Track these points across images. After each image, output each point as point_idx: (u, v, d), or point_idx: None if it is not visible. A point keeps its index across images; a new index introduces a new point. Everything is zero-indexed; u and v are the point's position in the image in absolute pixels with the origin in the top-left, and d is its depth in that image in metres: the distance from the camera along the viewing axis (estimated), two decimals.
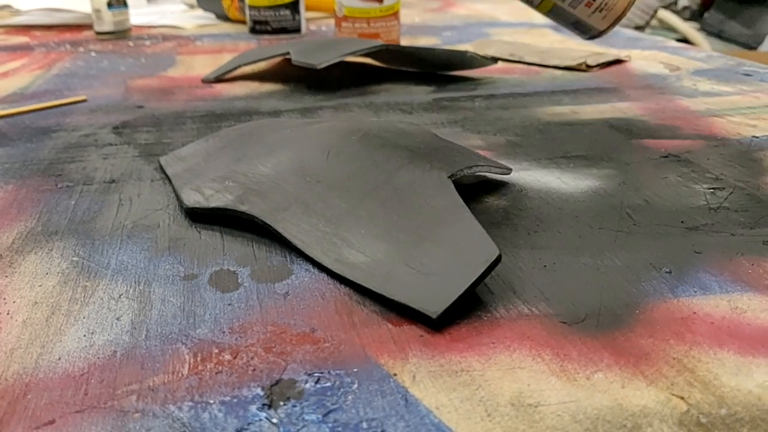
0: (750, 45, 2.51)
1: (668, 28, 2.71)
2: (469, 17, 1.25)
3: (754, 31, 2.52)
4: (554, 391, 0.26)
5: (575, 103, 0.65)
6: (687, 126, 0.57)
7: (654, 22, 2.75)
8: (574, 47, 0.91)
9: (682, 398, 0.25)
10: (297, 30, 1.06)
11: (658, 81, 0.73)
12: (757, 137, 0.54)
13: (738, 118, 0.59)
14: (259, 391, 0.26)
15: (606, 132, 0.56)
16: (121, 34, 1.09)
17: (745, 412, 0.25)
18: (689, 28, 2.62)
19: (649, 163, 0.49)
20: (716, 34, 2.67)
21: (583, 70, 0.79)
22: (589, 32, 0.61)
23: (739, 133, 0.55)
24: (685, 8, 3.00)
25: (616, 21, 0.59)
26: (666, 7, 2.84)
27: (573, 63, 0.80)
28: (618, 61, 0.83)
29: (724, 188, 0.44)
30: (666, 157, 0.50)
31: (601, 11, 0.58)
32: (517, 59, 0.85)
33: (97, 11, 1.07)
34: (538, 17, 1.22)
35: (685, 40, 2.57)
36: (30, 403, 0.26)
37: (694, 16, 2.92)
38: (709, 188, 0.44)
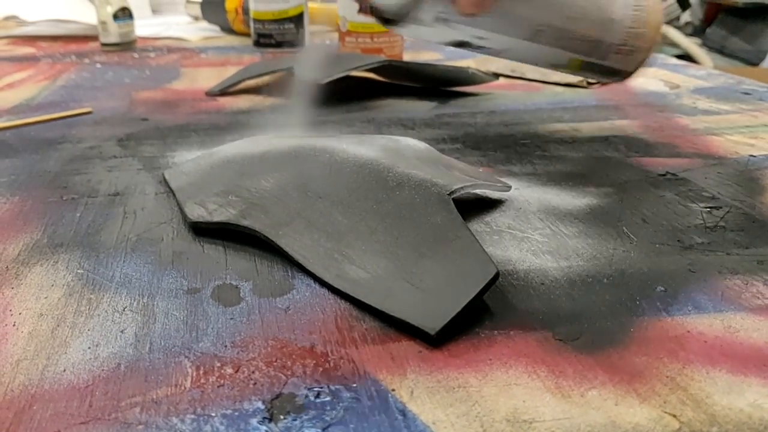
0: (752, 61, 2.52)
1: (670, 44, 2.73)
2: None
3: (756, 47, 2.53)
4: (549, 407, 0.26)
5: (575, 120, 0.66)
6: (685, 144, 0.58)
7: None
8: None
9: (674, 416, 0.26)
10: (301, 44, 1.07)
11: (657, 99, 0.74)
12: (755, 156, 0.54)
13: (736, 136, 0.60)
14: (259, 404, 0.27)
15: (605, 149, 0.57)
16: (126, 45, 1.10)
17: (735, 431, 0.25)
18: (691, 44, 2.63)
19: (647, 181, 0.49)
20: (718, 49, 2.68)
21: (584, 87, 0.80)
22: (616, 76, 0.60)
23: (736, 152, 0.56)
24: (687, 24, 3.02)
25: (645, 59, 0.58)
26: (668, 23, 2.86)
27: (574, 80, 0.80)
28: None
29: (720, 207, 0.45)
30: (664, 175, 0.51)
31: (631, 55, 0.57)
32: (518, 75, 0.85)
33: (102, 23, 1.08)
34: None
35: (687, 55, 2.58)
36: (35, 414, 0.26)
37: (696, 31, 2.94)
38: (706, 207, 0.45)
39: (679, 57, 2.49)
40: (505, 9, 0.52)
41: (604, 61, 0.57)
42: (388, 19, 0.54)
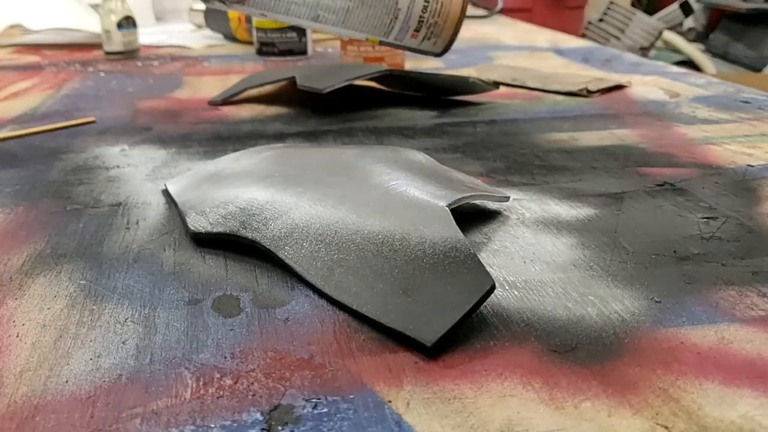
0: (755, 66, 2.52)
1: (673, 50, 2.73)
2: (474, 40, 1.27)
3: (758, 52, 2.54)
4: (542, 419, 0.27)
5: (575, 129, 0.66)
6: (684, 154, 0.58)
7: (659, 44, 2.77)
8: (575, 72, 0.93)
9: (666, 428, 0.26)
10: (303, 52, 1.08)
11: (657, 108, 0.74)
12: (752, 166, 0.55)
13: (734, 146, 0.60)
14: (258, 415, 0.27)
15: (604, 159, 0.57)
16: (129, 54, 1.11)
17: None
18: (694, 50, 2.64)
19: (645, 191, 0.50)
20: (721, 55, 2.69)
21: (584, 96, 0.80)
22: (429, 54, 0.68)
23: (734, 161, 0.56)
24: (690, 29, 3.02)
25: (449, 44, 0.66)
26: (671, 29, 2.86)
27: (574, 88, 0.81)
28: (619, 87, 0.84)
29: (717, 218, 0.45)
30: (662, 185, 0.51)
31: (429, 39, 0.64)
32: (519, 84, 0.86)
33: (106, 32, 1.09)
34: (542, 41, 1.24)
35: (690, 61, 2.58)
36: (38, 425, 0.27)
37: (699, 37, 2.94)
38: (703, 218, 0.45)
39: (682, 63, 2.50)
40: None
41: (402, 42, 0.64)
42: None
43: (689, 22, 3.01)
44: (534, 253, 0.41)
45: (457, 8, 0.63)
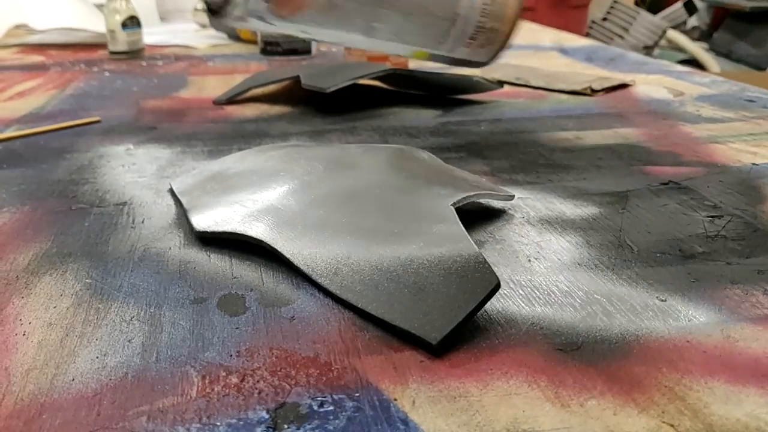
0: (759, 65, 2.52)
1: (677, 49, 2.73)
2: None
3: (762, 51, 2.53)
4: (548, 417, 0.27)
5: (579, 128, 0.66)
6: (688, 153, 0.58)
7: (663, 42, 2.76)
8: (580, 71, 0.92)
9: (672, 426, 0.26)
10: (307, 51, 1.08)
11: (661, 106, 0.74)
12: (757, 164, 0.55)
13: (739, 144, 0.60)
14: (264, 414, 0.27)
15: (608, 158, 0.57)
16: (134, 53, 1.11)
17: None
18: (698, 49, 2.63)
19: (650, 190, 0.50)
20: (725, 54, 2.68)
21: (588, 95, 0.80)
22: (476, 65, 0.63)
23: (739, 160, 0.56)
24: (694, 28, 3.02)
25: (501, 50, 0.60)
26: (675, 28, 2.86)
27: (578, 87, 0.81)
28: (623, 86, 0.84)
29: (722, 216, 0.45)
30: (666, 184, 0.51)
31: (483, 47, 0.59)
32: (523, 83, 0.86)
33: (111, 31, 1.09)
34: (546, 40, 1.24)
35: (693, 60, 2.58)
36: (45, 423, 0.27)
37: (703, 36, 2.93)
38: (708, 216, 0.45)
39: (686, 62, 2.49)
40: (327, 9, 0.53)
41: (452, 53, 0.59)
42: (212, 11, 0.54)
43: (693, 21, 3.01)
44: (539, 251, 0.41)
45: (514, 9, 0.58)
